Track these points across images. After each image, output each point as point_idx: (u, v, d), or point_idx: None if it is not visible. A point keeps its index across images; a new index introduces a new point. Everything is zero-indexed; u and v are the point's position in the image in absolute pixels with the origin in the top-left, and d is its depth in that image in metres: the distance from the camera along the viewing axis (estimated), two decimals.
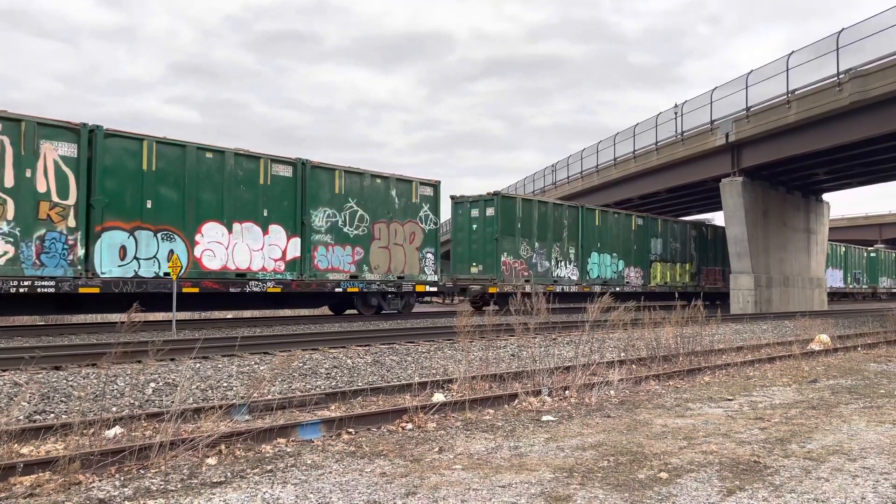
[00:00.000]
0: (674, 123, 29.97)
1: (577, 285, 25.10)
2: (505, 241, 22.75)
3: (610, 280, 26.65)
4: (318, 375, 9.22)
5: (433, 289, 20.57)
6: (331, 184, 18.11)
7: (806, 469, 5.04)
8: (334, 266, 18.12)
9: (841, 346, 14.18)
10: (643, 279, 28.59)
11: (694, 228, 32.66)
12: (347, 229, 18.47)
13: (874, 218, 64.11)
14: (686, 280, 31.44)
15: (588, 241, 25.94)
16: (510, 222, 23.00)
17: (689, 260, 31.84)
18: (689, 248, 31.79)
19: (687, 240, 31.77)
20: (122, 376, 8.25)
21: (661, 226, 30.25)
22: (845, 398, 8.30)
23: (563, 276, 24.85)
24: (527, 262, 23.47)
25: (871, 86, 20.50)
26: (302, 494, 4.41)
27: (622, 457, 5.38)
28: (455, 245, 24.05)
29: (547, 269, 24.21)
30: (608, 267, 26.92)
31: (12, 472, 4.60)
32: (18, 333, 13.41)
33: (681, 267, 31.22)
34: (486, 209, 23.06)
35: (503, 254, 22.66)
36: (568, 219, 25.31)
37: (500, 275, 22.35)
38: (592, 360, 9.58)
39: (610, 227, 27.17)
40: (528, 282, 22.80)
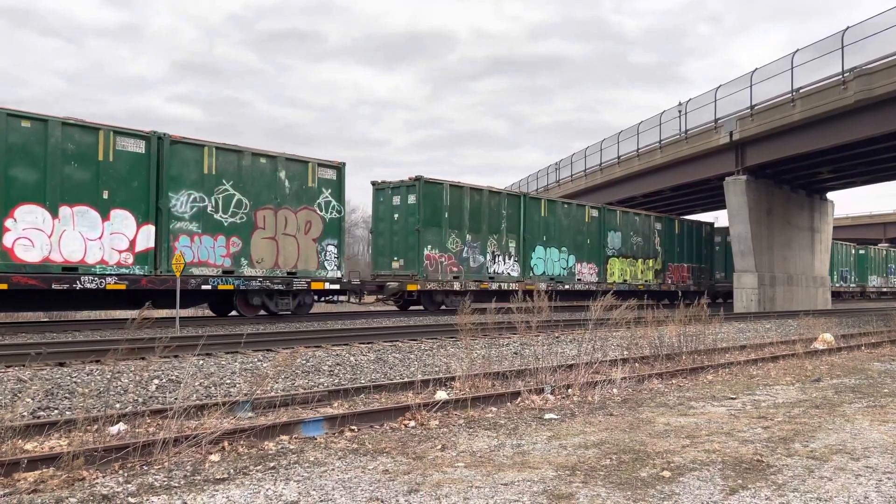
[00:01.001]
0: (677, 122, 29.91)
1: (518, 282, 22.33)
2: (429, 232, 20.22)
3: (558, 277, 24.23)
4: (321, 373, 9.23)
5: (335, 286, 17.85)
6: (198, 162, 15.32)
7: (809, 468, 5.04)
8: (202, 259, 15.36)
9: (845, 346, 14.16)
10: (598, 276, 26.06)
11: (658, 221, 29.72)
12: (220, 216, 15.70)
13: (878, 217, 63.91)
14: (649, 278, 28.64)
15: (532, 234, 23.36)
16: (436, 211, 20.44)
17: (654, 256, 29.08)
18: (652, 243, 29.00)
19: (651, 233, 28.95)
20: (125, 373, 8.28)
21: (621, 218, 27.67)
22: (849, 397, 8.28)
23: (502, 272, 22.37)
24: (456, 256, 20.88)
25: (876, 84, 20.43)
26: (304, 491, 4.42)
27: (625, 455, 5.38)
28: (376, 237, 21.80)
29: (481, 264, 21.68)
30: (556, 263, 24.35)
31: (16, 468, 4.61)
32: (22, 330, 13.45)
33: (643, 263, 28.48)
34: (408, 196, 20.50)
35: (427, 247, 20.11)
36: (508, 209, 22.71)
37: (422, 270, 19.88)
38: (595, 359, 9.58)
39: (559, 219, 24.55)
40: (456, 278, 20.74)
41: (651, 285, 28.36)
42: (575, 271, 25.15)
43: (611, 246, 26.77)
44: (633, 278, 27.87)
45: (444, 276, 20.49)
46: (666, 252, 29.78)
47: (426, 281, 20.02)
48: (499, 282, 22.09)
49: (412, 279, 19.93)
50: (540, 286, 21.63)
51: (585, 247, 25.66)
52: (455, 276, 20.83)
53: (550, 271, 24.08)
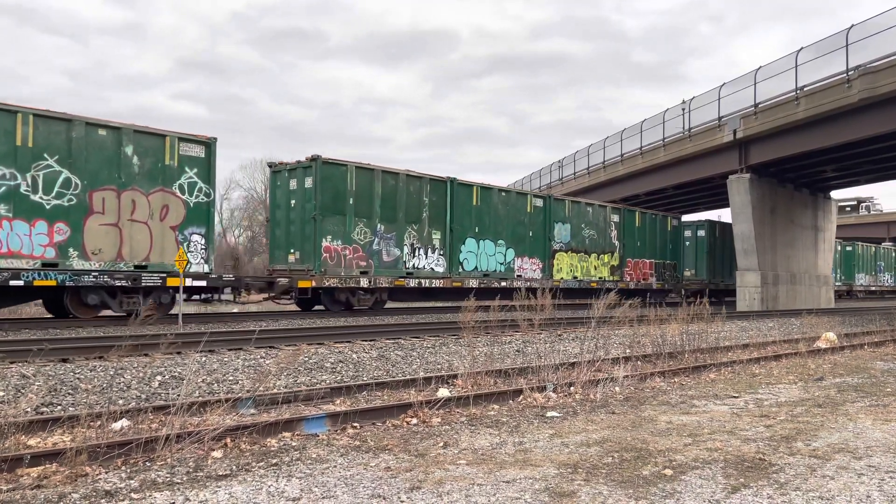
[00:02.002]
0: (681, 120, 29.88)
1: (444, 279, 20.21)
2: (329, 221, 17.76)
3: (494, 273, 21.89)
4: (323, 370, 9.25)
5: (200, 283, 15.24)
6: (8, 133, 12.81)
7: (811, 467, 5.03)
8: (13, 250, 12.88)
9: (848, 345, 14.14)
10: (542, 272, 23.63)
11: (616, 213, 27.22)
12: (40, 198, 13.22)
13: (882, 215, 63.80)
14: (604, 274, 26.15)
15: (462, 225, 20.91)
16: (337, 197, 17.98)
17: (610, 250, 26.61)
18: (609, 236, 26.56)
19: (607, 226, 26.52)
20: (128, 369, 8.30)
21: (570, 208, 25.16)
22: (851, 396, 8.27)
23: (423, 267, 19.86)
24: (364, 248, 18.53)
25: (881, 83, 20.38)
26: (307, 488, 4.42)
27: (627, 453, 5.38)
28: (273, 227, 19.30)
29: (397, 258, 19.22)
30: (491, 257, 21.89)
31: (20, 464, 4.63)
32: (26, 326, 13.48)
33: (597, 258, 25.99)
34: (305, 180, 18.05)
35: (326, 238, 17.69)
36: (431, 195, 20.11)
37: (319, 265, 17.45)
38: (597, 357, 9.58)
39: (495, 209, 22.00)
40: (364, 274, 18.42)
41: (606, 282, 25.39)
42: (514, 266, 22.68)
43: (558, 239, 24.26)
44: (586, 274, 25.38)
45: (348, 271, 18.06)
46: (625, 246, 27.22)
47: (324, 276, 17.51)
48: (419, 278, 19.60)
49: (307, 274, 17.46)
50: (470, 283, 20.43)
51: (528, 240, 23.16)
52: (363, 272, 18.45)
53: (484, 266, 21.65)
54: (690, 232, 32.74)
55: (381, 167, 19.10)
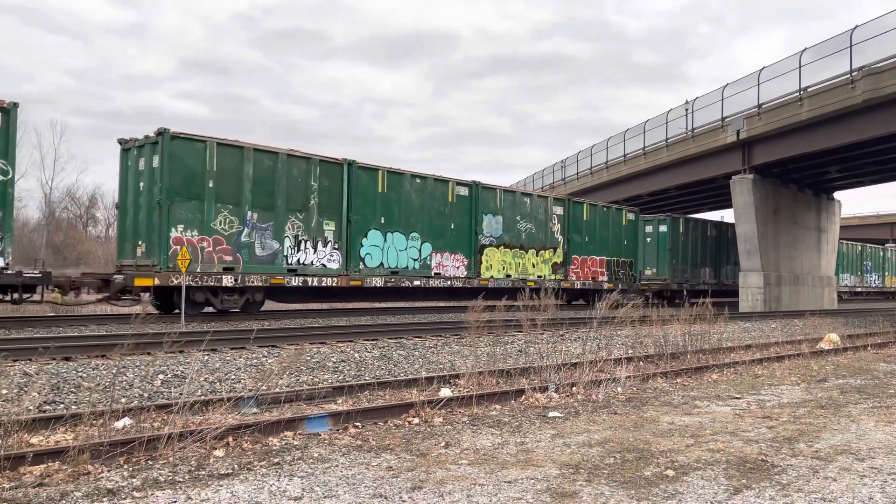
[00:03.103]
0: (684, 120, 29.81)
1: (339, 277, 17.40)
2: (181, 207, 14.87)
3: (405, 270, 19.00)
4: (325, 369, 9.25)
5: None
6: None
7: (813, 468, 5.02)
8: None
9: (850, 346, 14.11)
10: (468, 270, 20.74)
11: (559, 205, 24.23)
12: None
13: (886, 217, 63.54)
14: (544, 272, 23.24)
15: (363, 215, 18.09)
16: (193, 178, 15.06)
17: (552, 246, 23.60)
18: (550, 231, 23.55)
19: (548, 219, 23.56)
20: (131, 368, 8.31)
21: (502, 199, 22.05)
22: (854, 398, 8.26)
23: (311, 262, 17.02)
24: (230, 240, 15.58)
25: (885, 83, 20.33)
26: (308, 487, 4.43)
27: (629, 454, 5.37)
28: (121, 214, 16.44)
29: (274, 252, 16.36)
30: (402, 252, 18.99)
31: (22, 462, 4.64)
32: (29, 324, 13.51)
33: (536, 255, 23.03)
34: (153, 158, 15.06)
35: (176, 227, 14.79)
36: (323, 180, 17.27)
37: (165, 259, 14.56)
38: (600, 357, 9.58)
39: (407, 197, 19.12)
40: (229, 270, 15.51)
41: (546, 281, 22.37)
42: (431, 263, 19.71)
43: (487, 233, 21.36)
44: (521, 273, 22.50)
45: (206, 266, 15.21)
46: (570, 242, 24.30)
47: (173, 273, 14.47)
48: (305, 275, 16.76)
49: (151, 270, 14.61)
50: (374, 281, 18.00)
51: (449, 233, 20.21)
52: (227, 268, 15.51)
53: (393, 263, 18.74)
54: (651, 227, 30.03)
55: (252, 144, 16.04)
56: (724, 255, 32.86)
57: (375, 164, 18.57)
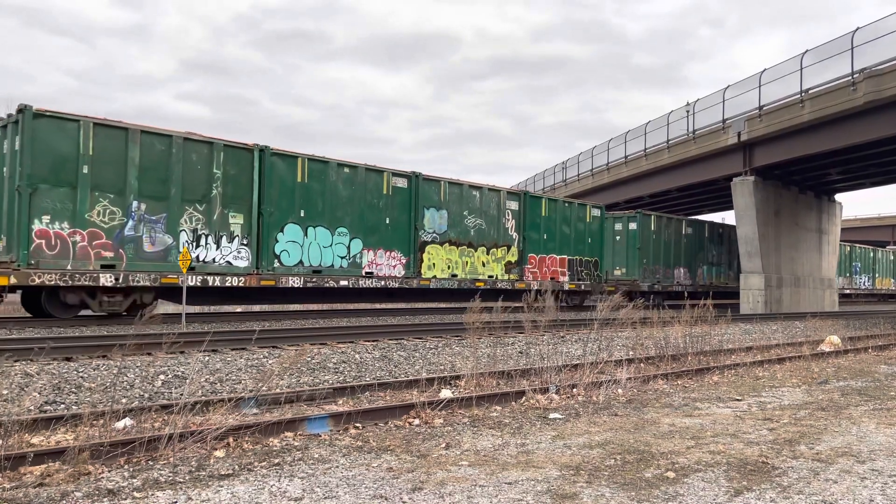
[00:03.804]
0: (685, 122, 29.84)
1: (247, 276, 15.72)
2: (47, 195, 13.16)
3: (330, 269, 17.34)
4: (326, 370, 9.25)
5: None
6: None
7: (814, 470, 5.02)
8: None
9: (851, 348, 14.09)
10: (406, 269, 19.03)
11: (514, 199, 22.37)
12: None
13: (887, 219, 63.55)
14: (497, 272, 21.52)
15: (279, 208, 16.42)
16: (63, 163, 13.31)
17: (506, 243, 21.92)
18: (503, 227, 21.89)
19: (501, 215, 21.82)
20: (132, 368, 8.31)
21: (448, 192, 20.14)
22: (855, 400, 8.25)
23: (213, 259, 15.31)
24: (110, 234, 13.90)
25: (886, 86, 20.33)
26: (309, 488, 4.43)
27: (629, 455, 5.37)
28: None
29: (168, 247, 14.60)
30: (327, 249, 17.35)
31: (23, 462, 4.64)
32: (30, 325, 13.52)
33: (487, 253, 21.29)
34: (15, 140, 13.27)
35: (41, 218, 13.10)
36: (227, 167, 15.48)
37: (27, 255, 12.87)
38: (600, 359, 9.57)
39: (332, 188, 17.40)
40: (109, 268, 13.83)
41: (499, 282, 21.37)
42: (362, 261, 18.07)
43: (430, 228, 19.61)
44: (470, 272, 20.69)
45: (80, 263, 13.51)
46: (526, 240, 22.55)
47: (34, 271, 12.83)
48: (206, 274, 15.09)
49: (9, 268, 12.84)
50: (291, 281, 16.40)
51: (384, 228, 18.58)
52: (107, 265, 13.83)
53: (315, 260, 17.10)
54: (621, 225, 28.31)
55: (140, 126, 14.25)
56: (701, 254, 31.42)
57: (294, 151, 16.83)
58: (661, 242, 28.90)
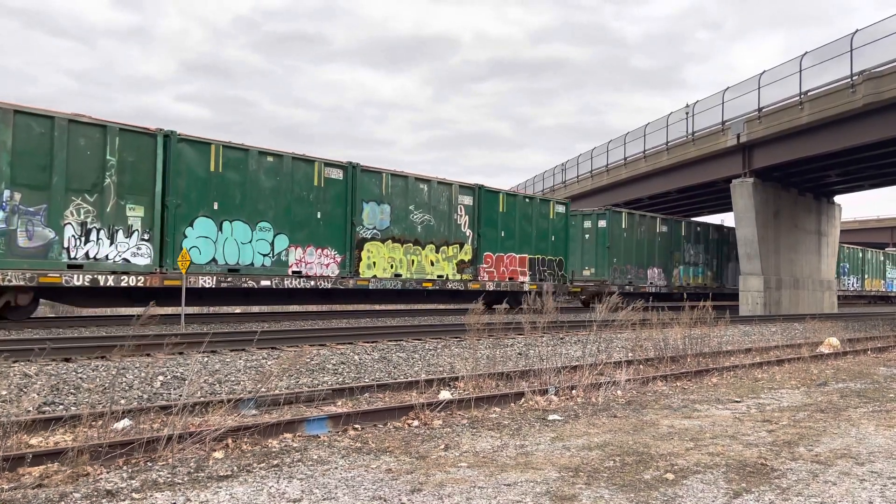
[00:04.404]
0: (684, 124, 29.86)
1: (149, 275, 14.20)
2: None
3: (250, 268, 15.80)
4: (325, 371, 9.25)
5: None
6: None
7: (813, 472, 5.02)
8: None
9: (850, 350, 14.10)
10: (342, 267, 17.47)
11: (467, 193, 20.65)
12: None
13: (886, 221, 63.53)
14: (447, 271, 19.86)
15: (188, 199, 14.81)
16: None
17: (458, 241, 20.29)
18: (455, 223, 20.28)
19: (452, 210, 20.20)
20: (131, 369, 8.31)
21: (390, 184, 18.56)
22: (854, 402, 8.25)
23: (106, 256, 13.77)
24: None
25: (885, 88, 20.35)
26: (307, 489, 4.42)
27: (628, 457, 5.37)
28: None
29: (49, 242, 13.05)
30: (246, 245, 15.83)
31: (21, 463, 4.64)
32: (28, 325, 13.51)
33: (436, 251, 19.70)
34: None
35: None
36: (124, 153, 13.96)
37: None
38: (599, 360, 9.58)
39: (253, 178, 15.82)
40: None
41: (450, 282, 19.78)
42: (289, 259, 16.54)
43: (369, 224, 18.08)
44: (417, 272, 19.09)
45: None
46: (481, 237, 20.90)
47: None
48: (96, 272, 13.50)
49: None
50: (201, 281, 14.78)
51: (314, 223, 17.06)
52: None
53: (232, 258, 15.52)
54: (590, 222, 26.82)
55: (13, 105, 12.71)
56: (677, 254, 29.91)
57: (207, 138, 15.31)
58: (634, 241, 27.54)
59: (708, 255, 32.03)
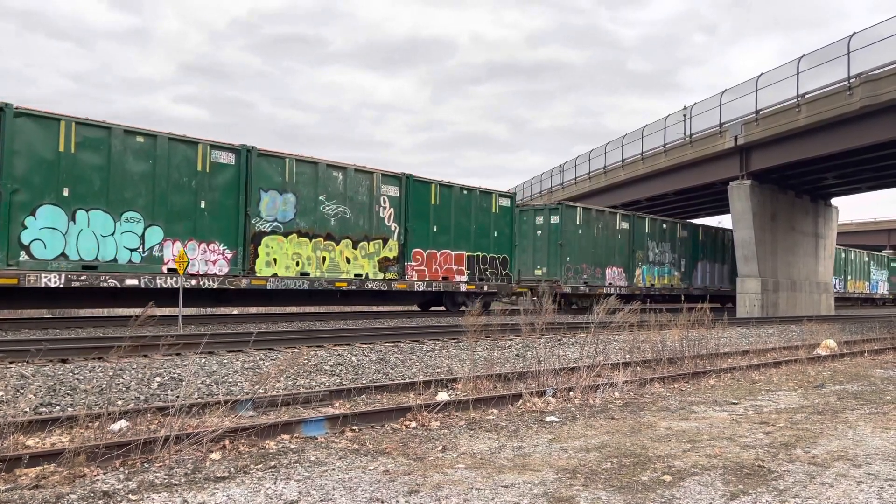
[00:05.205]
0: (682, 126, 29.92)
1: None
2: None
3: (112, 264, 13.81)
4: (323, 372, 9.24)
5: None
6: None
7: (810, 474, 5.02)
8: None
9: (847, 352, 14.12)
10: (234, 264, 15.59)
11: (392, 182, 18.81)
12: None
13: (883, 223, 63.69)
14: (367, 269, 18.09)
15: (29, 184, 12.88)
16: None
17: (380, 236, 18.44)
18: (376, 216, 18.36)
19: (374, 201, 18.32)
20: (128, 370, 8.29)
21: (294, 171, 16.70)
22: (851, 404, 8.26)
23: None
24: None
25: (882, 90, 20.40)
26: (305, 491, 4.42)
27: (626, 459, 5.37)
28: None
29: None
30: (109, 238, 13.83)
31: (18, 464, 4.63)
32: (26, 326, 13.48)
33: (355, 248, 17.85)
34: None
35: None
36: None
37: None
38: (597, 362, 9.57)
39: (118, 161, 13.90)
40: None
41: (370, 282, 18.09)
42: (163, 255, 14.46)
43: (269, 216, 16.27)
44: (329, 270, 17.29)
45: None
46: (410, 232, 19.13)
47: None
48: None
49: None
50: (45, 279, 12.77)
51: (198, 214, 15.04)
52: None
53: (89, 253, 13.58)
54: (542, 218, 24.67)
55: None
56: (640, 252, 27.75)
57: (56, 113, 13.28)
58: (591, 238, 25.36)
59: (675, 255, 29.90)
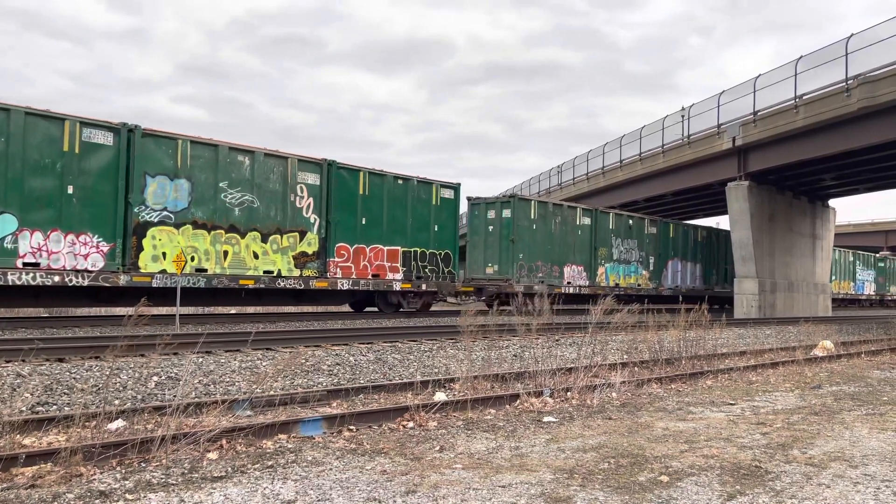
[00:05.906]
0: (680, 127, 29.94)
1: None
2: None
3: None
4: (320, 372, 9.23)
5: None
6: None
7: (807, 475, 5.03)
8: None
9: (844, 353, 14.14)
10: (111, 258, 13.79)
11: (313, 169, 17.16)
12: None
13: (880, 224, 63.75)
14: (280, 265, 16.45)
15: None
16: None
17: (297, 228, 16.84)
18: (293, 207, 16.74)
19: (290, 190, 16.66)
20: (125, 370, 8.28)
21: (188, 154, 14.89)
22: (848, 405, 8.27)
23: None
24: None
25: (880, 92, 20.42)
26: (302, 490, 4.41)
27: (623, 459, 5.37)
28: None
29: None
30: None
31: (14, 463, 4.62)
32: (22, 325, 13.46)
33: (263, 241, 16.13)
34: None
35: None
36: None
37: None
38: (594, 362, 9.58)
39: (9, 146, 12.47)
40: None
41: (283, 279, 16.43)
42: (18, 247, 12.75)
43: (156, 204, 14.49)
44: (232, 266, 15.57)
45: None
46: (333, 225, 17.48)
47: None
48: None
49: None
50: None
51: (64, 200, 13.29)
52: None
53: None
54: (494, 212, 22.92)
55: None
56: (603, 250, 26.06)
57: None
58: (547, 234, 23.59)
59: (643, 253, 28.10)
